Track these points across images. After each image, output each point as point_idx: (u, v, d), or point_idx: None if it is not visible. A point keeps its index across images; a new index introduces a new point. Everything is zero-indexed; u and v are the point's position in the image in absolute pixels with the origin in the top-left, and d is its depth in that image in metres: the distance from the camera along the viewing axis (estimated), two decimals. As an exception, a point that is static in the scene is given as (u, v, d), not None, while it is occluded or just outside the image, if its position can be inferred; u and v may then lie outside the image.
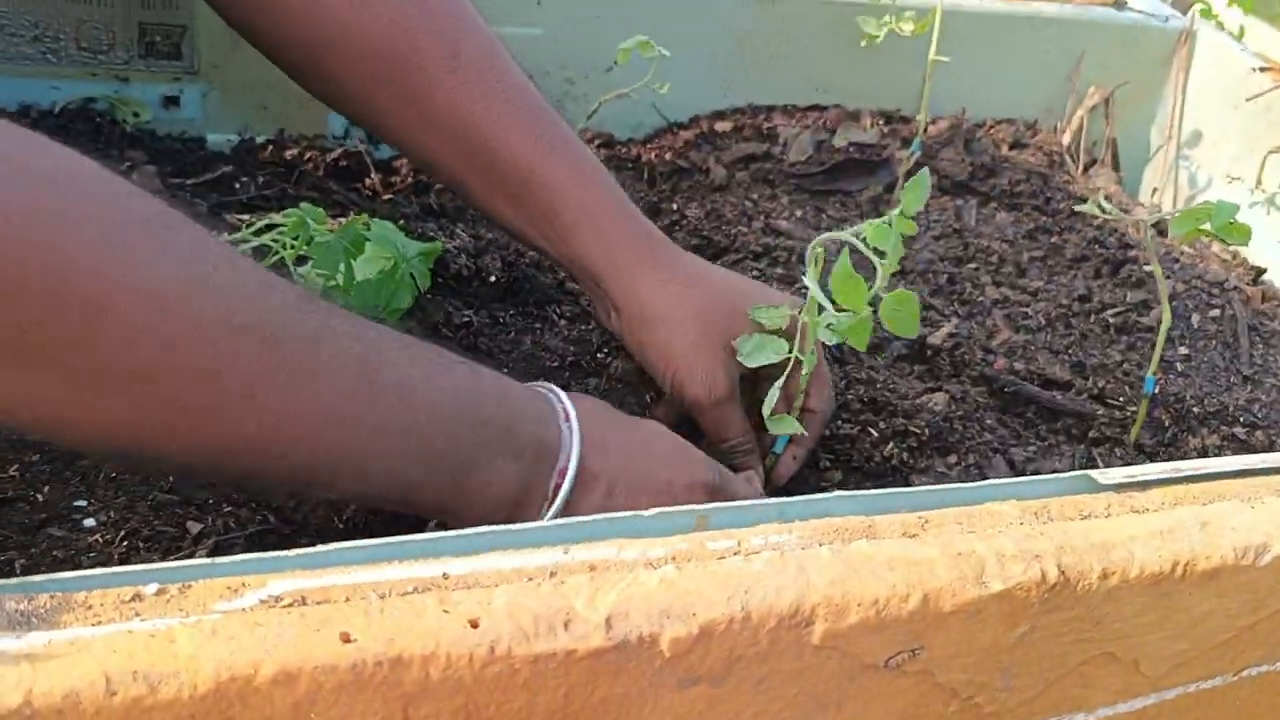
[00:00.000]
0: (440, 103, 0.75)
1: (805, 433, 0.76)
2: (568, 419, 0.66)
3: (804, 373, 0.74)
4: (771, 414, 0.72)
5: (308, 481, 0.58)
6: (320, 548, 0.49)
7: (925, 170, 0.65)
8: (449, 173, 0.79)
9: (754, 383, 0.77)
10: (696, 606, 0.48)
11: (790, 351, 0.73)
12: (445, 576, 0.49)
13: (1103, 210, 0.75)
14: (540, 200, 0.76)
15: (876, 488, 0.81)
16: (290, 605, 0.46)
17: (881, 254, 0.64)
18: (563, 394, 0.68)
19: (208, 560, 0.47)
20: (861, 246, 0.64)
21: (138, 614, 0.45)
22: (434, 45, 0.74)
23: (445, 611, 0.45)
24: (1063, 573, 0.54)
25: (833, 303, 0.66)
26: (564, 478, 0.64)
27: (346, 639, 0.44)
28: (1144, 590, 0.56)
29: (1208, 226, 0.75)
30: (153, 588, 0.46)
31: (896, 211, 0.64)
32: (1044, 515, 0.58)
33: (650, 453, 0.70)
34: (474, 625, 0.45)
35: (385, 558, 0.49)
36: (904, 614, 0.51)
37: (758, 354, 0.70)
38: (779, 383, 0.72)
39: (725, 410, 0.77)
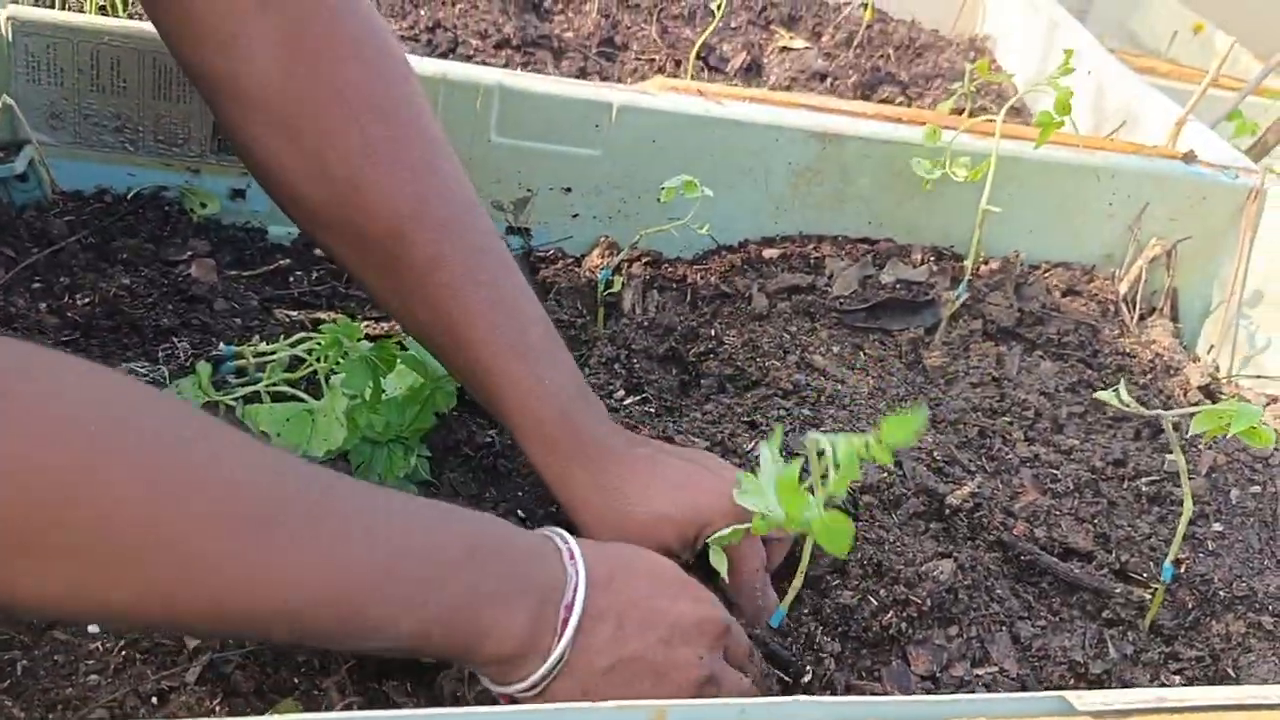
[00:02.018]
0: (420, 299, 0.81)
1: (725, 576, 0.79)
2: (572, 558, 0.69)
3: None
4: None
5: (327, 637, 0.62)
6: None
7: (924, 410, 0.66)
8: (429, 348, 0.86)
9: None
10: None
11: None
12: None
13: (1123, 403, 0.74)
14: (497, 402, 0.82)
15: (872, 659, 0.80)
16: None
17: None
18: (567, 535, 0.71)
19: (168, 722, 0.49)
20: (828, 453, 0.65)
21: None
22: (421, 247, 0.79)
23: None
24: (1015, 811, 0.53)
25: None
26: (570, 612, 0.66)
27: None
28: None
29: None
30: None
31: (870, 437, 0.63)
32: (1011, 738, 0.57)
33: (658, 587, 0.72)
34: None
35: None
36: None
37: (746, 498, 0.71)
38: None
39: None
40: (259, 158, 0.80)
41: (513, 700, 0.68)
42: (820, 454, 0.64)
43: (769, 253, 1.19)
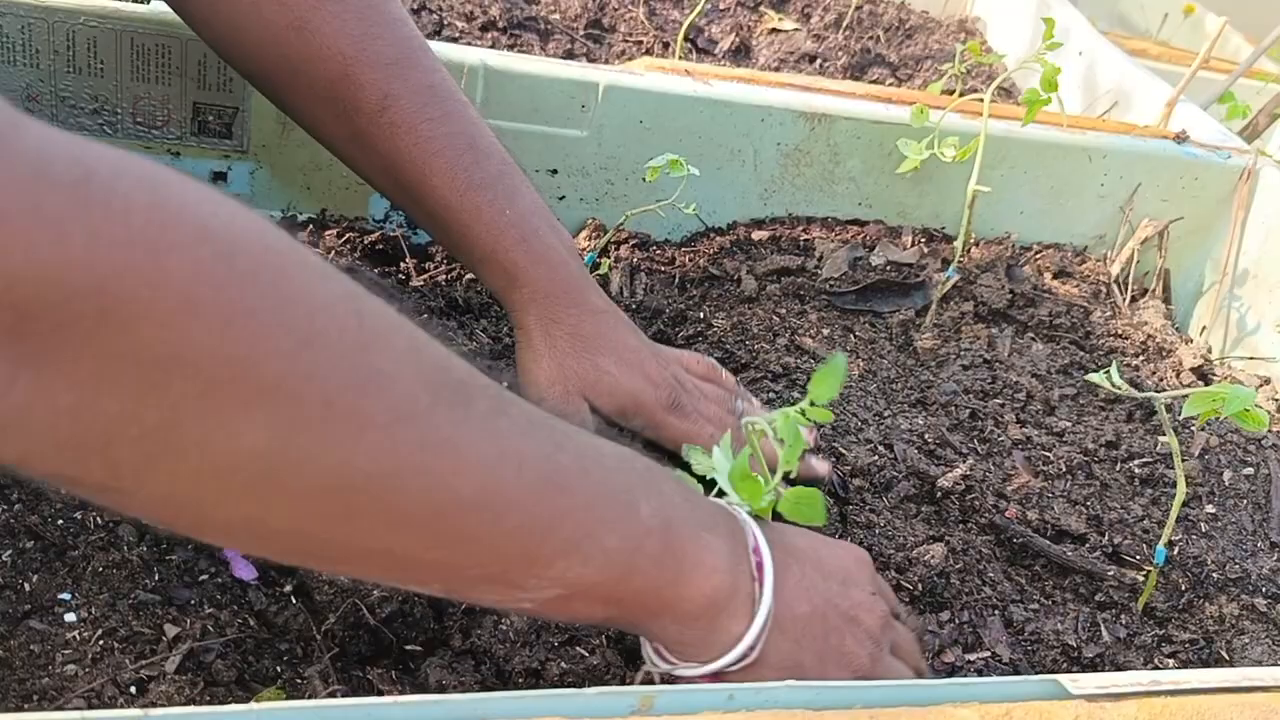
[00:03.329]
0: (373, 142, 0.81)
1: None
2: (735, 514, 0.64)
3: None
4: None
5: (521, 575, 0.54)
6: (249, 707, 0.50)
7: (841, 356, 0.65)
8: (385, 194, 0.88)
9: None
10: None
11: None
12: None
13: (1115, 386, 0.73)
14: (455, 234, 0.83)
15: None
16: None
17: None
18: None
19: (139, 713, 0.47)
20: (770, 433, 0.64)
21: (65, 763, 0.46)
22: (369, 89, 0.79)
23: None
24: (1009, 796, 0.52)
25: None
26: (760, 556, 0.61)
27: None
28: (1097, 818, 0.54)
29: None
30: (84, 736, 0.47)
31: (806, 401, 0.63)
32: (1003, 722, 0.56)
33: (806, 534, 0.69)
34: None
35: (318, 720, 0.49)
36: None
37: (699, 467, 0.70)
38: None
39: None
40: (193, 6, 0.80)
41: (721, 680, 0.60)
42: (763, 435, 0.64)
43: (758, 235, 1.18)
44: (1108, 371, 0.76)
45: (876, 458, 0.93)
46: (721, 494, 0.67)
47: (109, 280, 0.38)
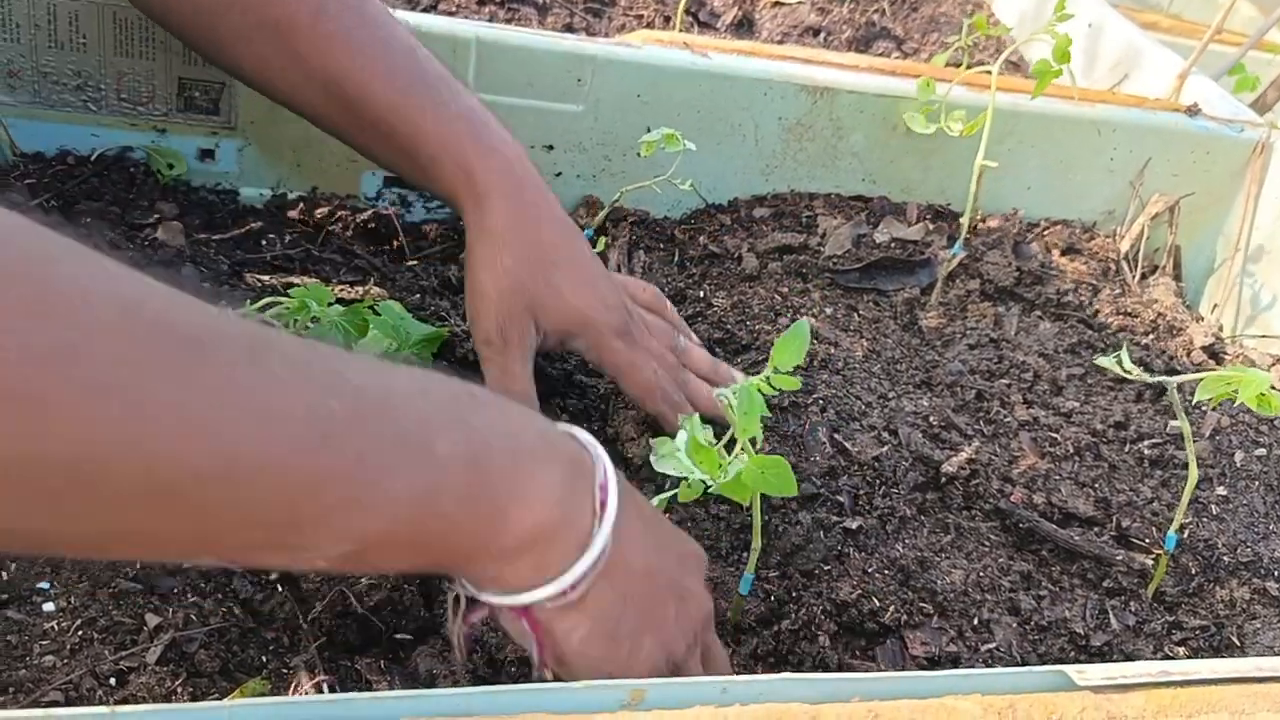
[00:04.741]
0: (310, 59, 0.80)
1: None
2: (587, 447, 0.59)
3: None
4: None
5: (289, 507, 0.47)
6: (225, 704, 0.48)
7: (804, 322, 0.63)
8: (328, 123, 0.85)
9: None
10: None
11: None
12: (351, 745, 0.47)
13: (1125, 370, 0.71)
14: (404, 139, 0.80)
15: (867, 648, 0.77)
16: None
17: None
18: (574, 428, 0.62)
19: (106, 710, 0.46)
20: (729, 405, 0.62)
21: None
22: (301, 3, 0.79)
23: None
24: (1013, 793, 0.50)
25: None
26: (607, 493, 0.56)
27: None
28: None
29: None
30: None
31: (770, 369, 0.62)
32: (1008, 715, 0.54)
33: (658, 510, 0.68)
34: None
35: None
36: (830, 829, 0.48)
37: (666, 461, 0.67)
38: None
39: (507, 361, 0.81)
40: None
41: (533, 621, 0.55)
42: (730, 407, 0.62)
43: (759, 211, 1.15)
44: (1118, 355, 0.73)
45: (884, 448, 0.91)
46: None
47: None
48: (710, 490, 0.65)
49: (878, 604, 0.78)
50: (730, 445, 0.66)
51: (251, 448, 0.44)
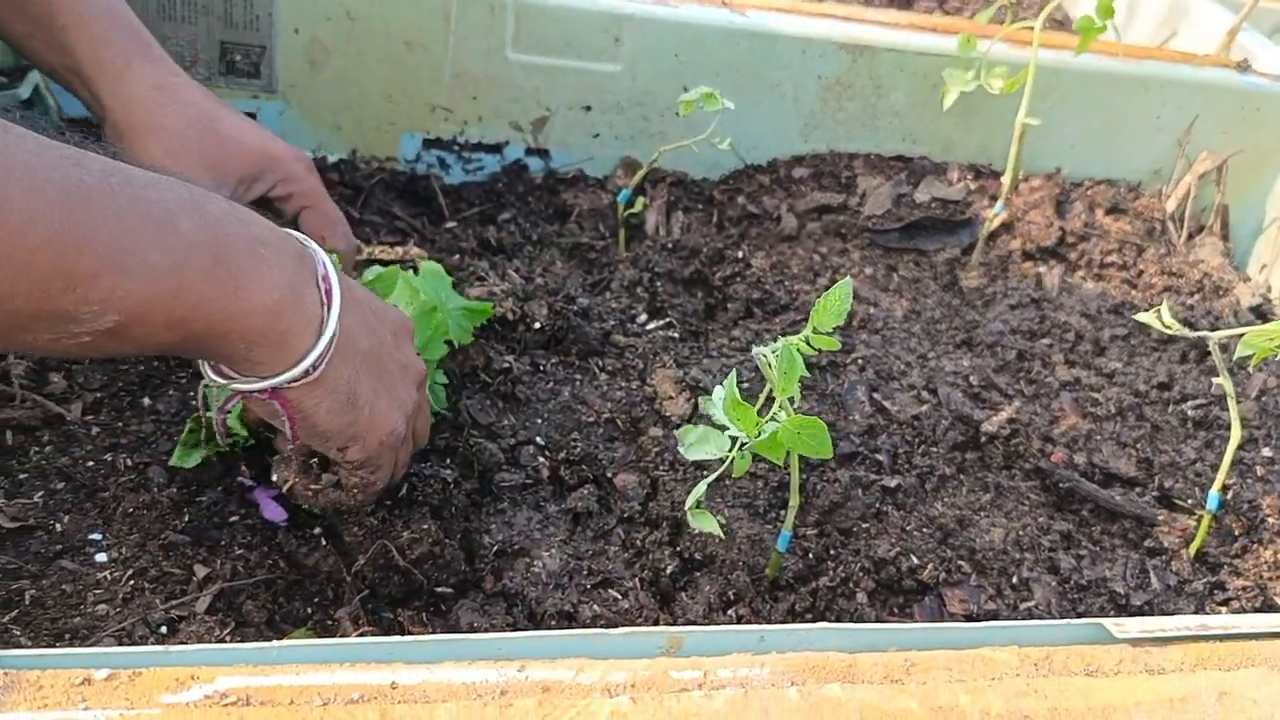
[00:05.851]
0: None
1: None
2: (305, 243, 0.65)
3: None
4: None
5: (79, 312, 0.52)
6: (276, 644, 0.49)
7: (847, 281, 0.62)
8: (41, 56, 0.82)
9: None
10: (640, 751, 0.46)
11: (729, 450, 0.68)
12: (393, 686, 0.48)
13: (1165, 325, 0.70)
14: (40, 10, 0.78)
15: (905, 606, 0.77)
16: (234, 703, 0.46)
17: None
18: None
19: (160, 649, 0.47)
20: (773, 362, 0.62)
21: (84, 700, 0.46)
22: None
23: (377, 735, 0.45)
24: (1049, 742, 0.51)
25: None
26: (330, 284, 0.62)
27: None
28: (1142, 766, 0.52)
29: (1283, 346, 0.70)
30: (104, 673, 0.47)
31: (809, 329, 0.61)
32: (1044, 667, 0.54)
33: (366, 289, 0.72)
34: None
35: (338, 660, 0.49)
36: (866, 774, 0.48)
37: (699, 448, 0.68)
38: None
39: None
40: None
41: (283, 401, 0.62)
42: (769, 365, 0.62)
43: (798, 171, 1.15)
44: (1158, 310, 0.72)
45: (924, 407, 0.91)
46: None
47: None
48: (745, 448, 0.65)
49: (916, 561, 0.78)
50: (768, 404, 0.66)
51: (19, 200, 0.48)
